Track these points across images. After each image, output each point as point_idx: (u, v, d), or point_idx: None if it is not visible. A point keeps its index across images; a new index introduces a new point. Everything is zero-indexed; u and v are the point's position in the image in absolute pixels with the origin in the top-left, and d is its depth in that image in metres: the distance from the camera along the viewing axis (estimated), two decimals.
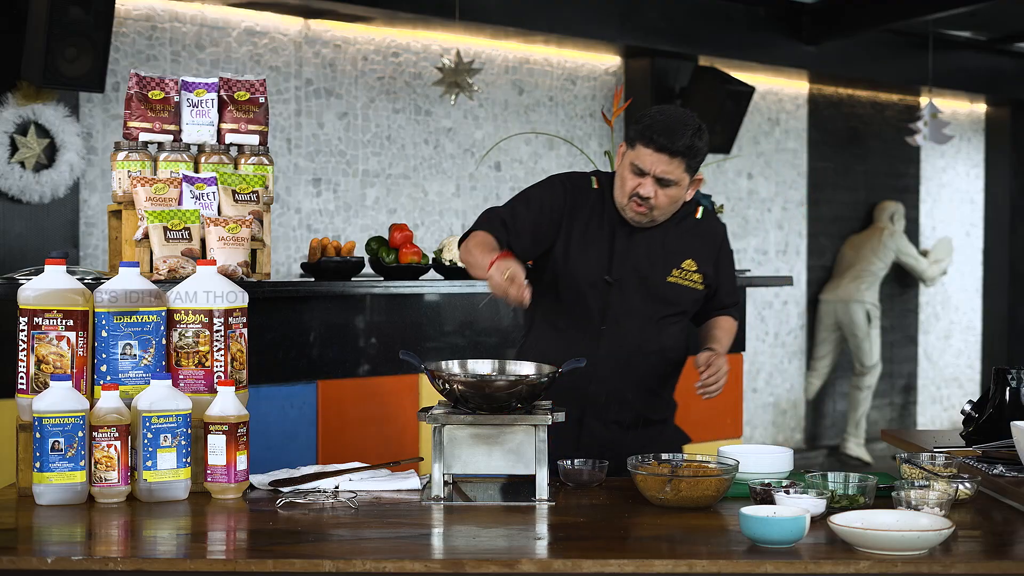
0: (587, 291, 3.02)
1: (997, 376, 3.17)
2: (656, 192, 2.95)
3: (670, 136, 2.90)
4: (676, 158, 2.91)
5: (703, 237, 3.12)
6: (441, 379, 2.67)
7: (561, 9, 6.73)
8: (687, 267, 3.07)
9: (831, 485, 2.55)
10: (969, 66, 9.00)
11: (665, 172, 2.92)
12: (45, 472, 2.58)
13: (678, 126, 2.91)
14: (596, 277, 3.02)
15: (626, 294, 3.02)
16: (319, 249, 4.32)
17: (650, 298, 3.04)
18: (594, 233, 3.04)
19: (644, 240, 3.05)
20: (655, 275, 3.05)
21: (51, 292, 2.69)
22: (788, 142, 8.52)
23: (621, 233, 3.04)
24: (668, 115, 2.95)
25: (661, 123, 2.91)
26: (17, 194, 5.21)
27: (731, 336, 3.18)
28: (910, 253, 8.81)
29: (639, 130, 2.93)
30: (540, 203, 3.05)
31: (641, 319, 3.04)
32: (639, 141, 2.93)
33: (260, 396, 3.88)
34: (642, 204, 2.96)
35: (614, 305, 3.02)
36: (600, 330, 3.02)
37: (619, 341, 3.02)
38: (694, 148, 2.93)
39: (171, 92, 3.68)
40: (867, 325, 8.48)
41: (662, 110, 2.98)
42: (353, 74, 6.41)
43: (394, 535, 2.37)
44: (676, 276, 3.06)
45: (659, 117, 2.93)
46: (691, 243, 3.10)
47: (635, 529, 2.42)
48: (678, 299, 3.08)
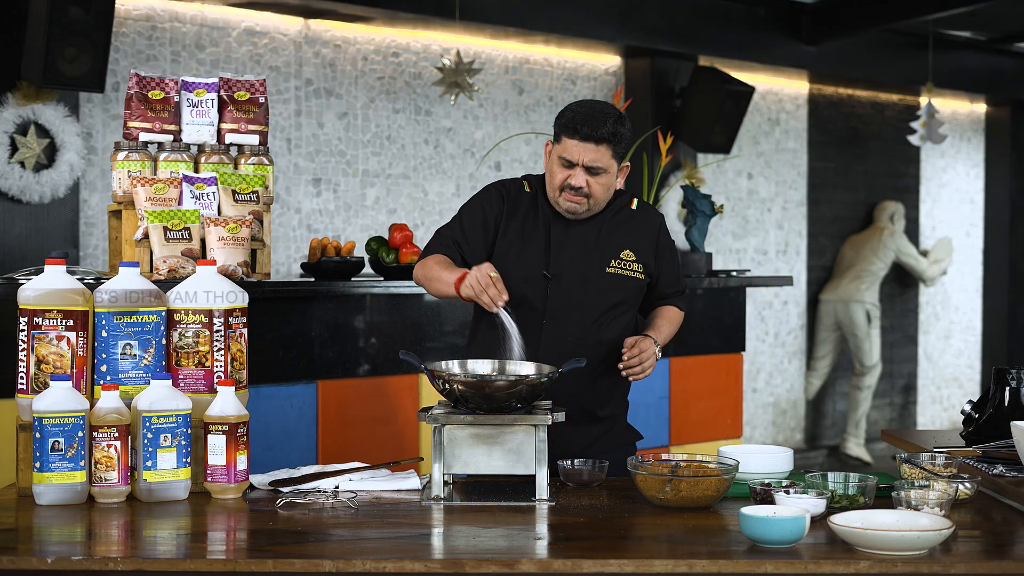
0: (526, 287, 3.06)
1: (997, 376, 3.17)
2: (588, 181, 3.01)
3: (593, 125, 2.97)
4: (602, 145, 2.98)
5: (639, 227, 3.16)
6: (441, 379, 2.67)
7: (561, 9, 6.73)
8: (625, 257, 3.11)
9: (831, 485, 2.56)
10: (969, 66, 9.00)
11: (593, 160, 2.99)
12: (45, 472, 2.58)
13: (599, 115, 2.99)
14: (534, 272, 3.07)
15: (565, 288, 3.06)
16: (319, 249, 4.33)
17: (590, 291, 3.08)
18: (530, 232, 3.11)
19: (579, 234, 3.10)
20: (593, 267, 3.09)
21: (51, 292, 2.69)
22: (788, 142, 8.52)
23: (556, 229, 3.10)
24: (588, 106, 3.03)
25: (583, 114, 2.99)
26: (17, 194, 5.21)
27: (673, 324, 3.21)
28: (910, 253, 8.82)
29: (563, 124, 3.02)
30: (483, 212, 3.14)
31: (581, 312, 3.06)
32: (564, 134, 3.01)
33: (260, 396, 3.88)
34: (576, 194, 3.02)
35: (553, 299, 3.06)
36: (541, 324, 3.05)
37: (559, 334, 3.04)
38: (618, 134, 3.00)
39: (171, 92, 3.68)
40: (867, 325, 8.48)
41: (581, 103, 3.07)
42: (353, 74, 6.41)
43: (394, 535, 2.37)
44: (615, 267, 3.10)
45: (580, 109, 3.02)
46: (628, 234, 3.14)
47: (635, 529, 2.42)
48: (619, 290, 3.10)
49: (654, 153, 6.58)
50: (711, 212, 5.45)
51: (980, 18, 8.04)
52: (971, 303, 9.95)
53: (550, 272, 3.07)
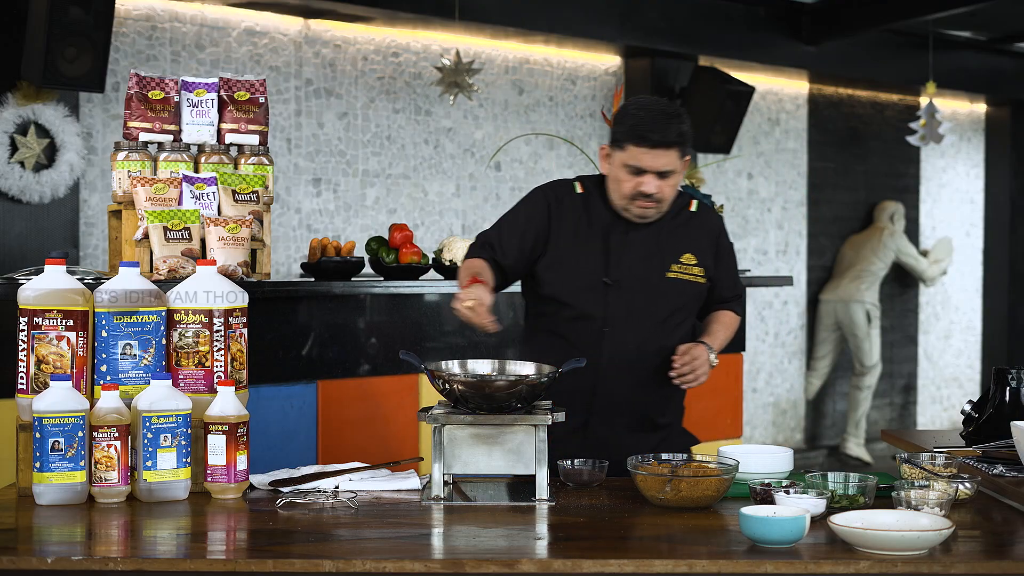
0: (586, 295, 3.00)
1: (997, 376, 3.17)
2: (660, 186, 2.94)
3: (662, 131, 2.89)
4: (672, 149, 2.91)
5: (700, 230, 3.10)
6: (441, 379, 2.67)
7: (561, 9, 6.73)
8: (686, 261, 3.05)
9: (831, 485, 2.55)
10: (969, 66, 9.00)
11: (664, 165, 2.92)
12: (45, 472, 2.58)
13: (664, 118, 2.91)
14: (594, 280, 3.00)
15: (626, 294, 3.00)
16: (319, 249, 4.33)
17: (651, 296, 3.01)
18: (585, 237, 3.03)
19: (639, 238, 3.03)
20: (654, 273, 3.02)
21: (51, 292, 2.69)
22: (788, 142, 8.52)
23: (615, 233, 3.02)
24: (650, 110, 2.94)
25: (647, 119, 2.91)
26: (17, 194, 5.21)
27: (729, 330, 3.15)
28: (910, 253, 8.82)
29: (626, 131, 2.92)
30: (525, 216, 3.07)
31: (643, 319, 3.01)
32: (629, 141, 2.91)
33: (260, 396, 3.88)
34: (648, 200, 2.95)
35: (614, 306, 3.00)
36: (602, 332, 2.99)
37: (622, 342, 2.99)
38: (685, 134, 2.93)
39: (171, 92, 3.68)
40: (867, 325, 8.48)
41: (640, 105, 2.96)
42: (353, 74, 6.41)
43: (394, 535, 2.37)
44: (676, 271, 3.04)
45: (643, 114, 2.92)
46: (688, 237, 3.07)
47: (635, 529, 2.42)
48: (680, 295, 3.04)
49: None
50: None
51: (980, 18, 8.04)
52: (971, 303, 9.95)
53: (610, 279, 3.00)
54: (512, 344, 4.66)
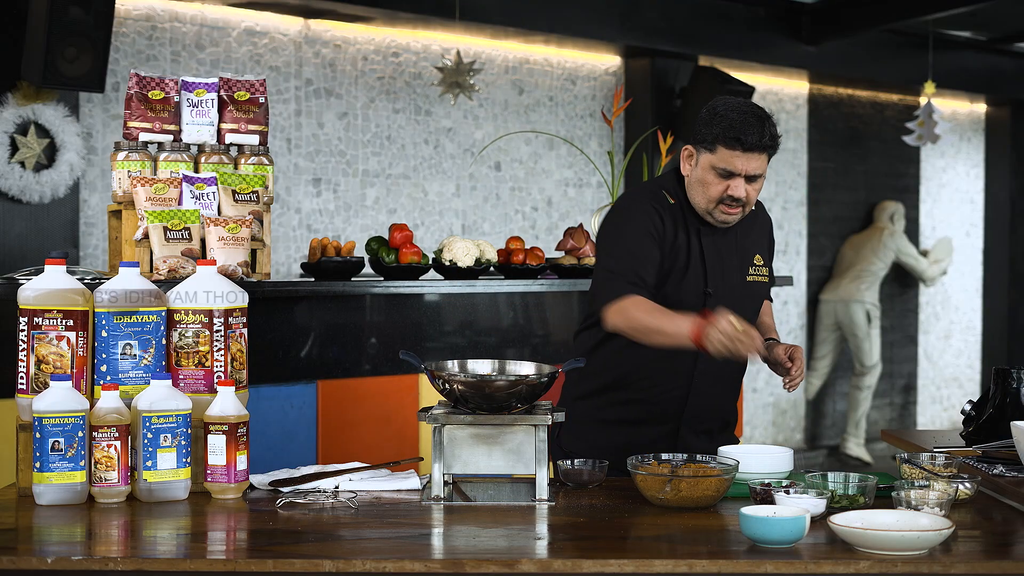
0: (693, 306, 2.88)
1: (997, 376, 3.17)
2: (748, 191, 2.88)
3: (756, 134, 2.82)
4: (765, 153, 2.86)
5: (759, 228, 3.10)
6: (441, 379, 2.67)
7: (561, 9, 6.72)
8: (757, 263, 3.04)
9: (831, 485, 2.55)
10: (969, 66, 9.00)
11: (756, 169, 2.86)
12: (45, 472, 2.58)
13: (756, 121, 2.83)
14: (698, 290, 2.94)
15: (722, 303, 2.91)
16: (319, 249, 4.33)
17: (739, 303, 2.95)
18: (683, 247, 2.95)
19: (723, 244, 2.98)
20: (738, 278, 3.00)
21: (51, 292, 2.69)
22: (788, 142, 8.52)
23: (706, 242, 2.95)
24: (740, 112, 2.85)
25: (739, 122, 2.82)
26: (17, 194, 5.21)
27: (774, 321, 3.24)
28: (910, 253, 8.82)
29: (718, 134, 2.82)
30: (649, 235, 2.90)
31: None
32: (721, 144, 2.82)
33: (260, 396, 3.88)
34: (735, 205, 2.89)
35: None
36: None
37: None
38: (775, 138, 2.87)
39: (171, 92, 3.68)
40: (867, 325, 8.48)
41: (729, 106, 2.87)
42: (353, 74, 6.41)
43: (394, 535, 2.37)
44: (753, 275, 3.03)
45: (734, 116, 2.83)
46: (755, 238, 3.07)
47: (635, 529, 2.42)
48: (757, 298, 3.06)
49: (654, 153, 6.58)
50: None
51: (980, 18, 8.04)
52: (971, 303, 9.95)
53: (711, 288, 2.94)
54: (512, 344, 4.66)
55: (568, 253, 4.78)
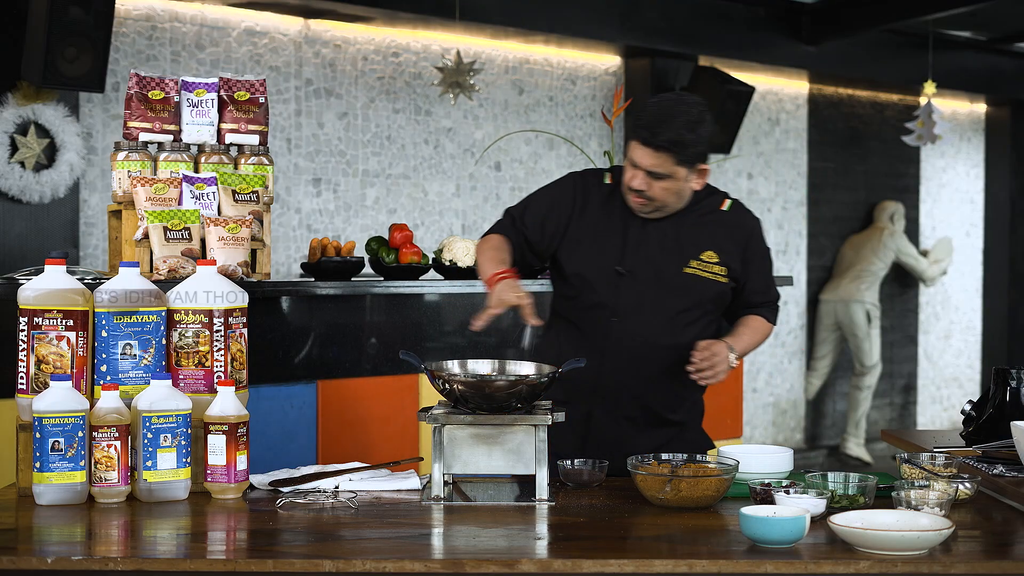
0: (599, 282, 2.98)
1: (997, 376, 3.17)
2: (650, 184, 2.89)
3: (653, 130, 2.83)
4: (661, 152, 2.85)
5: (728, 229, 3.04)
6: (441, 379, 2.67)
7: (561, 9, 6.72)
8: (706, 259, 3.00)
9: (831, 485, 2.55)
10: (969, 66, 9.00)
11: (653, 166, 2.86)
12: (45, 472, 2.58)
13: (666, 119, 2.84)
14: (608, 268, 2.98)
15: (638, 285, 2.97)
16: (319, 249, 4.33)
17: (665, 290, 2.97)
18: (605, 226, 3.00)
19: (658, 232, 2.99)
20: (670, 266, 2.98)
21: (51, 292, 2.69)
22: (788, 142, 8.52)
23: (634, 225, 2.99)
24: (661, 107, 2.88)
25: (649, 116, 2.86)
26: (17, 194, 5.21)
27: (756, 335, 3.09)
28: (910, 253, 8.82)
29: (632, 123, 2.92)
30: (551, 198, 3.06)
31: (654, 311, 2.97)
32: (631, 134, 2.91)
33: (260, 396, 3.88)
34: (638, 195, 2.92)
35: (625, 296, 2.97)
36: (611, 322, 2.97)
37: (630, 333, 2.96)
38: (681, 143, 2.83)
39: (171, 92, 3.68)
40: (867, 325, 8.48)
41: (659, 100, 2.92)
42: (353, 74, 6.41)
43: (394, 535, 2.37)
44: (694, 267, 2.99)
45: (651, 110, 2.88)
46: (713, 234, 3.02)
47: (635, 529, 2.42)
48: (696, 291, 3.00)
49: None
50: None
51: (980, 18, 8.04)
52: (971, 303, 9.95)
53: (624, 268, 2.97)
54: (512, 344, 4.65)
55: None
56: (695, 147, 2.87)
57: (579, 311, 3.03)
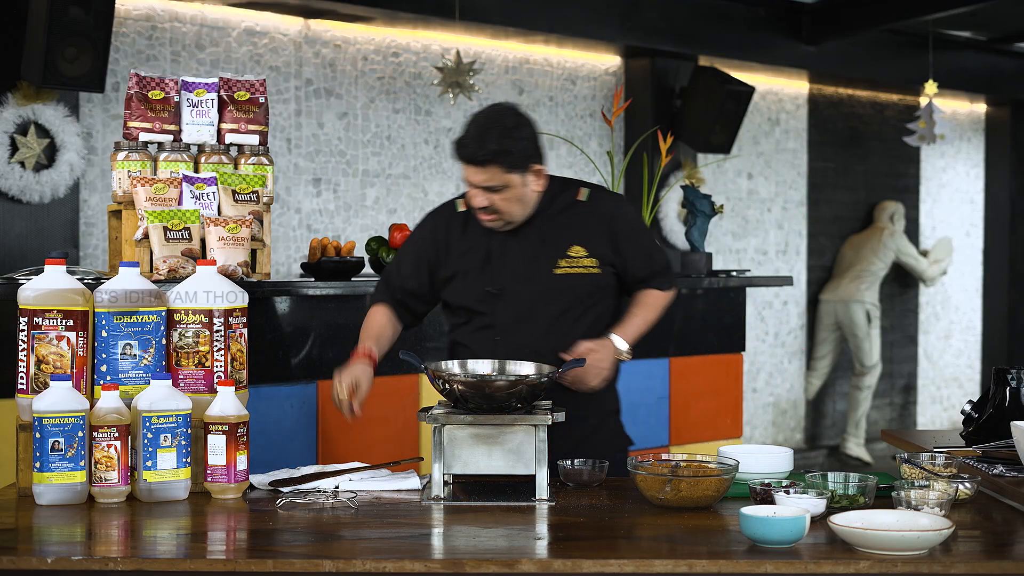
0: (477, 307, 3.01)
1: (997, 376, 3.17)
2: (491, 199, 2.91)
3: (473, 148, 2.86)
4: (488, 166, 2.86)
5: (589, 218, 3.02)
6: (441, 379, 2.67)
7: (561, 9, 6.72)
8: (574, 254, 2.99)
9: (831, 485, 2.56)
10: (969, 66, 9.00)
11: (485, 181, 2.88)
12: (45, 472, 2.58)
13: (483, 132, 2.86)
14: (480, 291, 3.00)
15: (512, 300, 2.98)
16: (319, 249, 4.33)
17: (540, 298, 2.98)
18: (470, 250, 3.03)
19: (520, 242, 3.00)
20: (539, 272, 2.98)
21: (51, 292, 2.69)
22: (788, 142, 8.52)
23: (494, 242, 3.01)
24: (476, 123, 2.90)
25: (468, 136, 2.88)
26: (17, 194, 5.21)
27: (649, 309, 3.05)
28: (910, 253, 8.82)
29: (454, 146, 2.93)
30: (415, 245, 3.12)
31: (533, 322, 2.97)
32: (457, 158, 2.92)
33: (260, 396, 3.88)
34: (485, 213, 2.94)
35: (502, 314, 2.99)
36: (495, 341, 2.99)
37: (516, 348, 2.95)
38: (503, 151, 2.85)
39: (171, 92, 3.68)
40: (867, 325, 8.48)
41: (475, 118, 2.93)
42: (353, 74, 6.41)
43: (394, 535, 2.37)
44: (563, 267, 2.98)
45: (469, 129, 2.90)
46: (575, 228, 3.00)
47: (635, 529, 2.42)
48: (571, 290, 2.98)
49: (654, 153, 6.58)
50: (711, 212, 5.45)
51: (980, 18, 8.04)
52: (971, 303, 9.95)
53: (494, 288, 2.99)
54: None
55: None
56: (519, 151, 2.88)
57: (469, 335, 3.06)
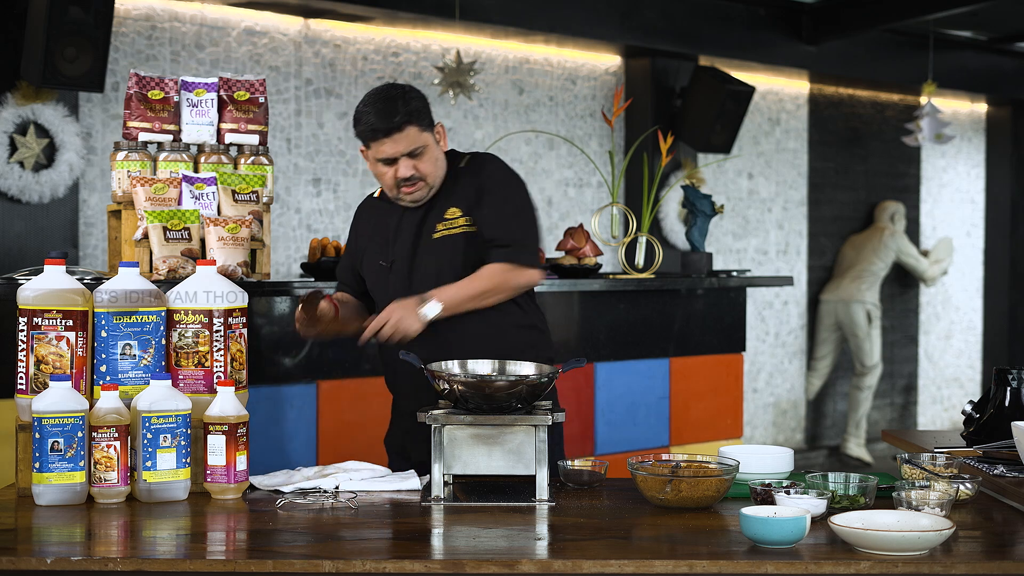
0: (376, 284, 3.10)
1: (998, 376, 3.16)
2: (415, 166, 2.97)
3: (386, 118, 2.92)
4: (405, 129, 2.93)
5: (465, 180, 3.05)
6: (441, 379, 2.67)
7: (561, 9, 6.72)
8: (451, 216, 3.03)
9: (831, 485, 2.55)
10: (969, 66, 8.99)
11: (405, 148, 2.95)
12: (44, 472, 2.58)
13: (385, 105, 2.94)
14: (376, 266, 3.09)
15: (401, 270, 3.04)
16: (319, 249, 4.32)
17: (423, 264, 3.01)
18: (375, 234, 3.12)
19: (411, 215, 3.07)
20: (422, 240, 3.04)
21: (51, 292, 2.69)
22: (788, 142, 8.52)
23: (393, 220, 3.09)
24: (372, 103, 2.96)
25: (372, 114, 2.94)
26: (16, 194, 5.21)
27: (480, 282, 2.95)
28: (911, 253, 8.81)
29: (361, 132, 2.98)
30: (351, 237, 3.24)
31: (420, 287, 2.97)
32: (368, 140, 2.97)
33: (260, 396, 3.88)
34: (412, 183, 2.99)
35: (395, 286, 3.03)
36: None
37: None
38: (412, 112, 2.95)
39: (171, 92, 3.68)
40: (867, 325, 8.48)
41: (367, 102, 2.97)
42: (353, 74, 6.40)
43: (394, 535, 2.37)
44: (441, 230, 3.02)
45: (368, 110, 2.95)
46: (453, 193, 3.05)
47: (635, 529, 2.42)
48: (450, 250, 2.99)
49: (654, 153, 6.58)
50: (711, 212, 5.44)
51: (980, 18, 8.04)
52: (972, 303, 9.95)
53: (385, 260, 3.07)
54: None
55: (568, 253, 4.78)
56: (424, 109, 2.99)
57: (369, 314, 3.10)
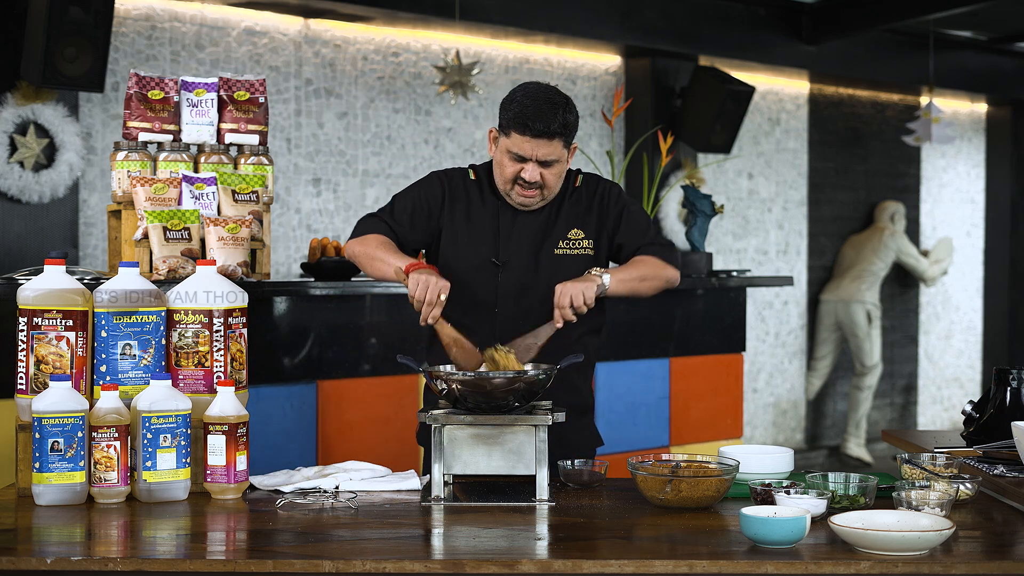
0: (476, 276, 3.04)
1: (998, 376, 3.16)
2: (542, 174, 2.97)
3: (545, 120, 2.91)
4: (554, 140, 2.93)
5: (586, 202, 3.09)
6: (439, 379, 2.67)
7: (561, 9, 6.72)
8: (573, 236, 3.06)
9: (832, 485, 2.55)
10: (969, 66, 9.00)
11: (547, 155, 2.94)
12: (44, 472, 2.58)
13: (549, 108, 2.92)
14: (484, 260, 3.04)
15: (514, 274, 3.03)
16: (319, 249, 4.32)
17: (540, 276, 3.03)
18: (477, 219, 3.07)
19: (528, 220, 3.06)
20: (543, 252, 3.04)
21: (51, 292, 2.69)
22: (788, 142, 8.52)
23: (505, 217, 3.06)
24: (535, 98, 2.94)
25: (532, 108, 2.91)
26: (16, 194, 5.21)
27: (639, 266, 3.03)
28: (911, 253, 8.81)
29: (511, 118, 2.93)
30: (417, 195, 3.10)
31: (532, 298, 3.01)
32: (513, 129, 2.93)
33: (260, 396, 3.88)
34: (529, 188, 2.98)
35: (504, 286, 3.03)
36: (494, 313, 3.02)
37: (514, 322, 2.99)
38: (568, 125, 2.94)
39: (171, 92, 3.68)
40: (867, 325, 8.48)
41: (527, 93, 2.96)
42: (353, 74, 6.40)
43: (394, 535, 2.37)
44: (563, 248, 3.05)
45: (528, 102, 2.93)
46: (574, 213, 3.07)
47: (635, 529, 2.42)
48: (568, 271, 3.02)
49: (654, 153, 6.58)
50: (711, 212, 5.44)
51: (980, 18, 8.04)
52: (972, 303, 9.95)
53: (499, 259, 3.04)
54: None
55: None
56: (574, 129, 2.99)
57: (460, 306, 3.00)
